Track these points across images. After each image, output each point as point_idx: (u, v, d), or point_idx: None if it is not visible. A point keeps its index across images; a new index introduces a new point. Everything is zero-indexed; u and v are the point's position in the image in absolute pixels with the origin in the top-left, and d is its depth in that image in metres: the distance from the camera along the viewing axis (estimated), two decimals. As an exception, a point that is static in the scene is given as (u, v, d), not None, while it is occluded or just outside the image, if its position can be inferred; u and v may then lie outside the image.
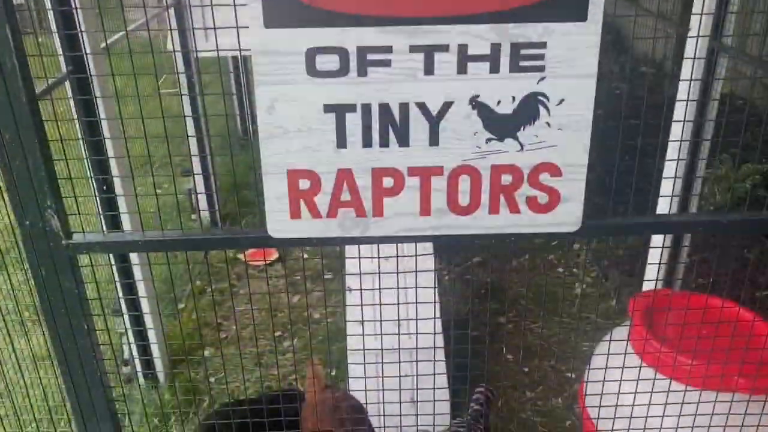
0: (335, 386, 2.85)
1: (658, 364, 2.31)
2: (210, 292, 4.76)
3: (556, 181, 1.39)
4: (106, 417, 1.61)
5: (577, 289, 4.63)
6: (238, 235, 1.43)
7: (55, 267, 1.43)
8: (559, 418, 3.56)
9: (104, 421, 1.62)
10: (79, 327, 1.50)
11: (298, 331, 4.32)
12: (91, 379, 1.56)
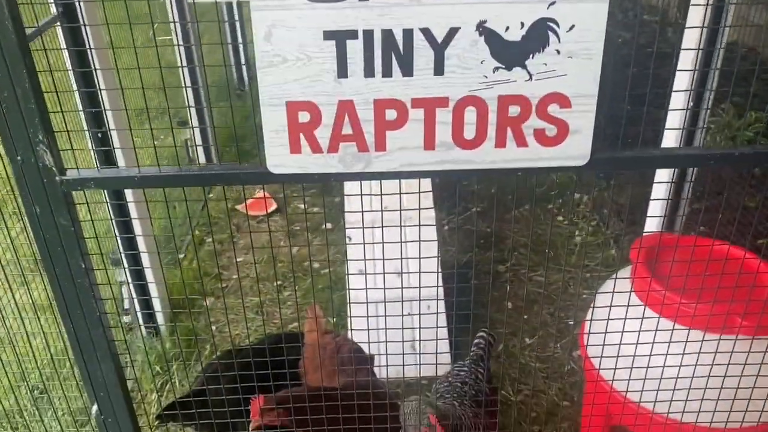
0: (336, 331, 2.85)
1: (660, 307, 2.30)
2: (210, 242, 4.74)
3: (565, 113, 1.34)
4: (107, 357, 1.60)
5: (577, 238, 4.63)
6: (236, 170, 1.39)
7: (49, 204, 1.39)
8: (558, 364, 3.60)
9: (105, 362, 1.61)
10: (77, 266, 1.47)
11: (299, 280, 4.32)
12: (90, 319, 1.54)
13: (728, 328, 2.17)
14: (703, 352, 2.04)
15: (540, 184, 5.18)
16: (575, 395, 3.36)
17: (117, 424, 1.70)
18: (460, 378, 2.74)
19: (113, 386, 1.64)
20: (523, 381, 3.48)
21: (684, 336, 2.11)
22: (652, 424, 2.34)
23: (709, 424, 2.22)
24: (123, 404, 1.67)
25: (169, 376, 3.52)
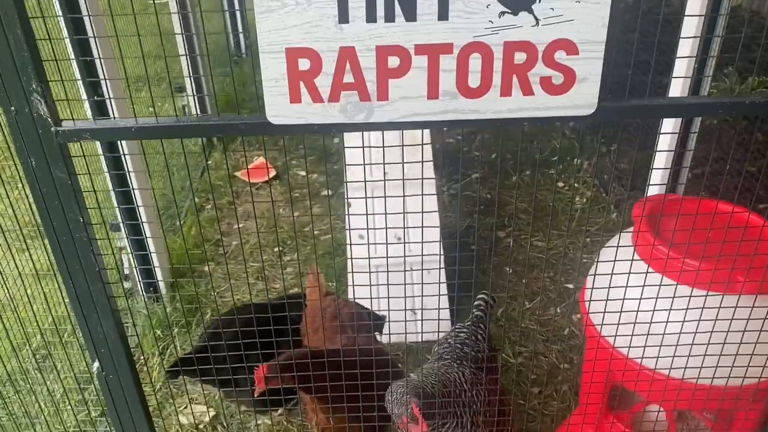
0: (337, 293, 2.85)
1: (662, 266, 2.29)
2: (209, 209, 4.72)
3: (572, 60, 1.31)
4: (107, 313, 1.59)
5: (578, 204, 4.61)
6: (235, 120, 1.36)
7: (45, 156, 1.37)
8: (557, 327, 3.61)
9: (105, 318, 1.60)
10: (75, 221, 1.45)
11: (299, 246, 4.31)
12: (89, 274, 1.52)
13: (731, 285, 2.16)
14: (707, 308, 2.03)
15: (541, 151, 5.15)
16: (575, 358, 3.38)
17: (119, 380, 1.70)
18: (459, 339, 2.74)
19: (114, 342, 1.63)
20: (523, 344, 3.50)
21: (686, 295, 2.10)
22: (653, 383, 2.34)
23: (710, 383, 2.23)
24: (124, 360, 1.67)
25: (171, 338, 3.53)
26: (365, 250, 3.46)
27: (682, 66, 3.25)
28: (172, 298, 3.78)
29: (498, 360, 2.83)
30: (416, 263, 3.56)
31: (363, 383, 2.17)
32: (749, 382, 2.23)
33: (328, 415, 2.44)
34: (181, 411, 3.16)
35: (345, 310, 2.82)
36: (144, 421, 1.81)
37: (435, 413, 2.31)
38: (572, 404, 3.13)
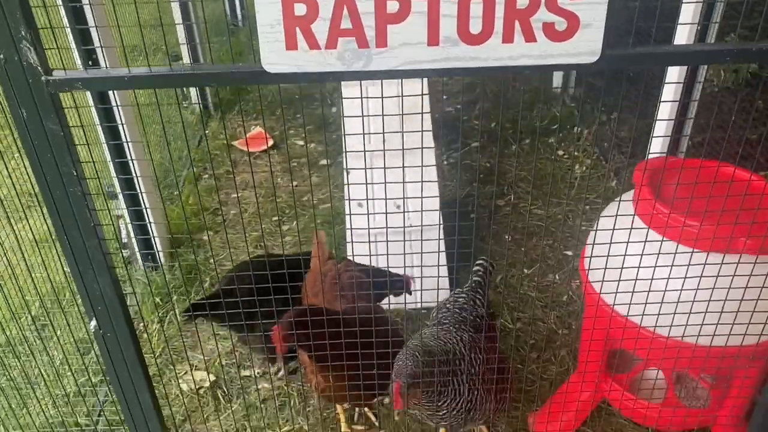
0: (338, 257, 2.83)
1: (663, 228, 2.27)
2: (206, 178, 4.69)
3: (576, 5, 1.27)
4: (103, 270, 1.57)
5: (578, 172, 4.59)
6: (230, 69, 1.32)
7: (36, 107, 1.34)
8: (556, 293, 3.61)
9: (102, 275, 1.58)
10: (69, 174, 1.42)
11: (297, 215, 4.29)
12: (84, 229, 1.50)
13: (732, 245, 2.15)
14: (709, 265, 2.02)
15: (541, 119, 5.11)
16: (573, 323, 3.38)
17: (116, 338, 1.69)
18: (458, 304, 2.73)
19: (110, 299, 1.62)
20: (522, 310, 3.50)
21: (687, 257, 2.09)
22: (652, 345, 2.34)
23: (709, 344, 2.23)
24: (122, 318, 1.66)
25: (172, 305, 3.53)
26: (364, 219, 3.44)
27: (688, 12, 3.18)
28: (171, 266, 3.77)
29: (496, 324, 2.82)
30: (415, 232, 3.54)
31: (362, 345, 2.17)
32: (748, 343, 2.23)
33: (327, 374, 2.45)
34: (182, 377, 3.17)
35: (346, 275, 2.81)
36: (143, 380, 1.81)
37: (432, 382, 2.32)
38: (571, 368, 3.14)
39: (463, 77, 5.83)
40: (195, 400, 3.04)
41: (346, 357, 2.22)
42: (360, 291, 2.77)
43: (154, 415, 1.92)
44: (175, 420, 2.93)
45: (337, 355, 2.26)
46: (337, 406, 2.89)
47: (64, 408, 2.91)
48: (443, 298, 2.83)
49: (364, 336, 2.16)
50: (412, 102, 3.75)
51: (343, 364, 2.25)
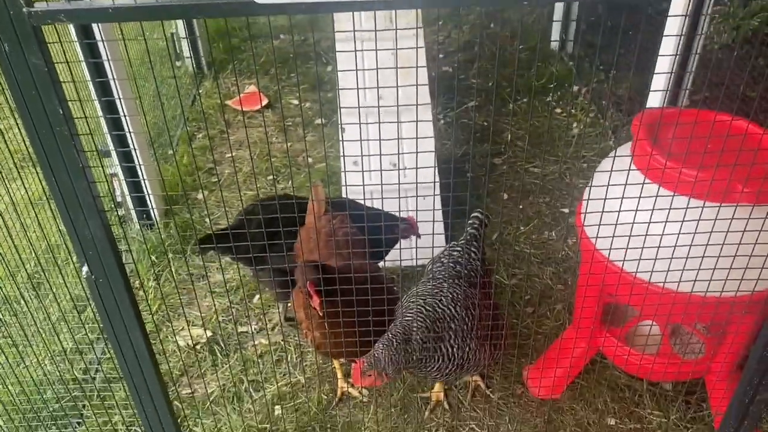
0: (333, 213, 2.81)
1: (659, 176, 2.26)
2: (200, 138, 4.65)
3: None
4: (93, 213, 1.55)
5: (575, 130, 4.55)
6: (218, 0, 1.28)
7: (19, 41, 1.30)
8: (552, 250, 3.61)
9: (92, 218, 1.56)
10: (54, 112, 1.39)
11: (293, 174, 4.26)
12: (72, 171, 1.47)
13: (729, 195, 2.13)
14: (704, 218, 2.00)
15: (539, 77, 5.06)
16: (569, 279, 3.39)
17: (108, 284, 1.68)
18: (453, 258, 2.72)
19: (102, 243, 1.60)
20: (517, 266, 3.50)
21: (683, 205, 2.07)
22: (647, 295, 2.34)
23: (704, 294, 2.22)
24: (113, 263, 1.64)
25: (168, 263, 3.53)
26: (359, 176, 3.42)
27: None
28: (166, 224, 3.76)
29: (491, 277, 2.82)
30: (411, 189, 3.52)
31: (359, 301, 2.17)
32: (742, 294, 2.23)
33: (324, 330, 2.45)
34: (178, 333, 3.18)
35: (340, 232, 2.79)
36: (138, 329, 1.80)
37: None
38: (566, 323, 3.16)
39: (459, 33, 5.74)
40: (192, 355, 3.06)
41: (343, 313, 2.23)
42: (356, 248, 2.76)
43: (151, 367, 1.92)
44: (172, 375, 2.95)
45: (335, 311, 2.27)
46: (334, 361, 2.90)
47: (62, 364, 2.92)
48: (439, 252, 2.82)
49: (361, 292, 2.17)
50: (407, 57, 3.70)
51: (339, 321, 2.25)
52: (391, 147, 3.41)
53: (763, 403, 2.04)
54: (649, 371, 2.64)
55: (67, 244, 1.73)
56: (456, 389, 2.88)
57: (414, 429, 2.72)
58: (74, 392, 2.79)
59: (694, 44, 3.66)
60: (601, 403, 2.81)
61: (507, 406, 2.80)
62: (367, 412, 2.79)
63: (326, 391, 2.89)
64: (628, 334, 2.84)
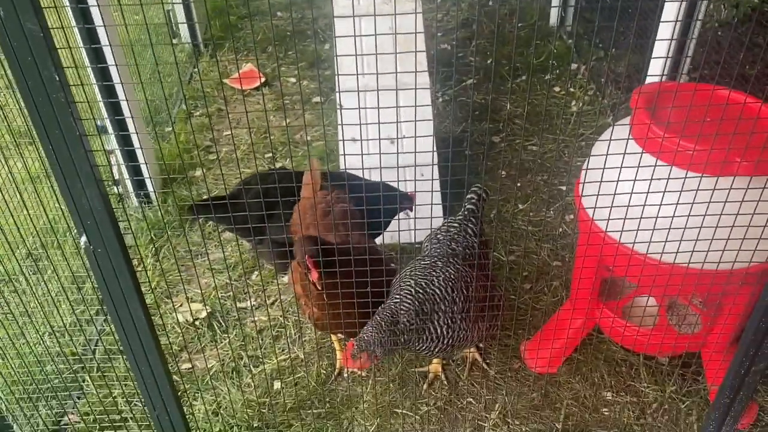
0: (330, 188, 2.81)
1: (658, 150, 2.26)
2: (198, 115, 4.63)
3: None
4: (91, 182, 1.55)
5: (573, 108, 4.54)
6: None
7: (14, 5, 1.29)
8: (550, 227, 3.61)
9: (90, 187, 1.56)
10: (50, 79, 1.39)
11: (291, 152, 4.25)
12: (69, 139, 1.47)
13: (726, 167, 2.14)
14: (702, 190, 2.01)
15: (537, 55, 5.03)
16: (566, 256, 3.40)
17: (107, 253, 1.68)
18: (449, 235, 2.72)
19: (100, 213, 1.60)
20: (515, 243, 3.51)
21: (681, 179, 2.07)
22: (644, 268, 2.35)
23: (701, 266, 2.23)
24: (111, 233, 1.64)
25: (167, 238, 3.53)
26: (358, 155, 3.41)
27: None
28: (164, 201, 3.76)
29: (489, 254, 2.82)
30: (409, 169, 3.52)
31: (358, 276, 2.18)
32: (739, 267, 2.24)
33: (322, 302, 2.46)
34: (178, 309, 3.19)
35: (337, 207, 2.79)
36: (137, 300, 1.81)
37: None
38: (563, 298, 3.18)
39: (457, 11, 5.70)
40: (191, 331, 3.07)
41: (342, 287, 2.23)
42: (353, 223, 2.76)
43: (151, 338, 1.93)
44: (172, 349, 2.96)
45: (333, 285, 2.28)
46: (332, 336, 2.92)
47: (62, 339, 2.94)
48: (436, 227, 2.82)
49: (359, 267, 2.17)
50: (405, 37, 3.68)
51: (338, 295, 2.26)
52: (390, 125, 3.40)
53: (758, 374, 2.06)
54: (646, 345, 2.66)
55: (67, 218, 1.73)
56: (454, 364, 2.90)
57: (412, 403, 2.75)
58: (74, 366, 2.80)
59: (692, 23, 3.64)
60: (598, 377, 2.83)
61: (504, 380, 2.83)
62: (365, 386, 2.81)
63: (325, 366, 2.91)
64: (625, 309, 2.86)
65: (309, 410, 2.71)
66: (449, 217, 2.82)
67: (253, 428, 2.65)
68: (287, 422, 2.66)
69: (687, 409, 2.70)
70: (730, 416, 2.17)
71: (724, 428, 2.21)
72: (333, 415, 2.70)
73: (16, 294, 2.85)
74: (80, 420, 2.63)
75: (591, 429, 2.63)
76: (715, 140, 2.05)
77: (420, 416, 2.70)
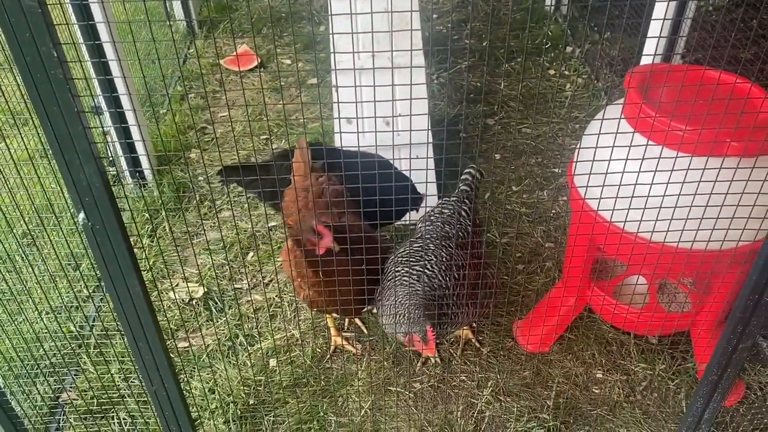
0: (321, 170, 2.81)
1: (649, 131, 2.28)
2: (192, 98, 4.63)
3: None
4: (89, 159, 1.56)
5: (568, 91, 4.55)
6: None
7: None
8: (543, 209, 3.65)
9: (88, 164, 1.56)
10: (48, 55, 1.39)
11: (287, 133, 4.26)
12: (68, 115, 1.48)
13: (717, 148, 2.16)
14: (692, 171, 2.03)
15: (533, 38, 5.04)
16: (560, 237, 3.43)
17: (105, 230, 1.69)
18: (443, 217, 2.73)
19: (98, 190, 1.61)
20: (509, 225, 3.54)
21: (672, 160, 2.10)
22: (634, 248, 2.38)
23: (690, 247, 2.26)
24: (110, 209, 1.66)
25: (165, 217, 3.54)
26: (353, 136, 3.42)
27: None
28: (159, 182, 3.77)
29: (482, 235, 2.84)
30: (404, 149, 3.53)
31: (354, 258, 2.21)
32: (728, 246, 2.28)
33: (318, 285, 2.49)
34: (174, 289, 3.21)
35: (329, 191, 2.78)
36: (135, 277, 1.82)
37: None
38: (556, 279, 3.21)
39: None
40: (188, 310, 3.10)
41: (339, 270, 2.26)
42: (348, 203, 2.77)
43: (149, 315, 1.94)
44: (170, 328, 2.99)
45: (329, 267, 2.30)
46: (327, 317, 2.95)
47: (59, 317, 2.96)
48: (430, 209, 2.83)
49: (356, 249, 2.20)
50: (400, 18, 3.68)
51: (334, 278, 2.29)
52: (385, 106, 3.41)
53: (745, 351, 2.10)
54: (636, 325, 2.71)
55: (65, 196, 1.74)
56: (447, 343, 2.94)
57: (406, 380, 2.79)
58: (72, 345, 2.83)
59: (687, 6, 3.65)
60: (589, 356, 2.88)
61: (497, 359, 2.87)
62: (360, 365, 2.85)
63: (320, 344, 2.94)
64: (616, 289, 2.91)
65: (304, 388, 2.75)
66: (444, 198, 2.84)
67: (249, 405, 2.69)
68: (283, 399, 2.70)
69: (676, 387, 2.75)
70: (717, 393, 2.21)
71: (712, 405, 2.25)
72: (328, 392, 2.74)
73: (14, 272, 2.87)
74: (78, 397, 2.67)
75: (581, 406, 2.68)
76: (705, 120, 2.08)
77: (414, 393, 2.74)
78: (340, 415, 2.66)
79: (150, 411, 2.57)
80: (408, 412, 2.66)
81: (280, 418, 2.64)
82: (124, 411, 2.64)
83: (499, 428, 2.61)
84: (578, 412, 2.66)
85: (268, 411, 2.66)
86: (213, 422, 2.60)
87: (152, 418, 2.57)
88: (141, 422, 2.59)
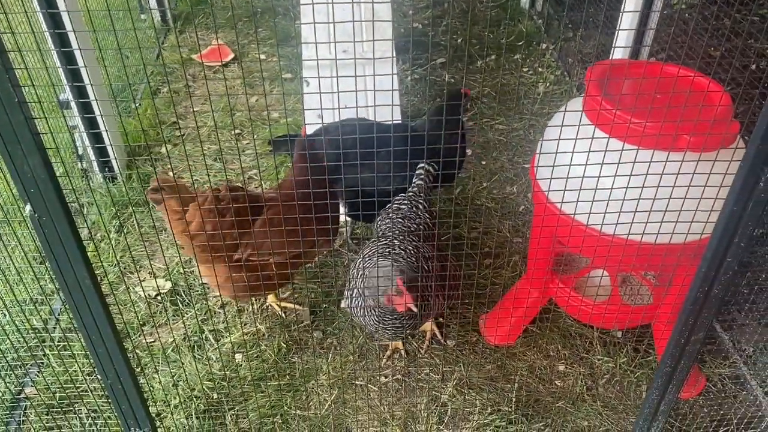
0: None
1: (609, 127, 2.29)
2: (165, 92, 4.60)
3: None
4: (33, 150, 1.53)
5: (541, 87, 4.57)
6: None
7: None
8: (512, 204, 3.66)
9: (32, 155, 1.55)
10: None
11: (257, 129, 4.24)
12: (7, 102, 1.46)
13: (677, 142, 2.18)
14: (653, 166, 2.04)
15: (508, 35, 5.05)
16: (527, 232, 3.45)
17: (52, 221, 1.68)
18: (401, 213, 2.74)
19: (43, 181, 1.60)
20: (478, 220, 3.55)
21: (632, 155, 2.10)
22: (598, 244, 2.39)
23: (654, 241, 2.28)
24: (56, 201, 1.64)
25: (132, 212, 3.51)
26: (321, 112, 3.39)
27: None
28: (129, 177, 3.74)
29: (436, 225, 2.81)
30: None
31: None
32: (692, 240, 2.29)
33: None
34: (140, 284, 3.19)
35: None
36: (82, 263, 1.79)
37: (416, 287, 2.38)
38: (522, 273, 3.23)
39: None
40: (154, 305, 3.08)
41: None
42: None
43: (99, 305, 1.92)
44: (138, 323, 2.97)
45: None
46: (269, 297, 3.06)
47: (22, 312, 2.93)
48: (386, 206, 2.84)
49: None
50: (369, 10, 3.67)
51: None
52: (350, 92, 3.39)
53: (698, 343, 2.12)
54: (599, 319, 2.72)
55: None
56: (413, 339, 2.95)
57: (371, 374, 2.79)
58: (34, 340, 2.80)
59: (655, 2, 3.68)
60: (553, 350, 2.89)
61: (462, 352, 2.88)
62: (325, 359, 2.85)
63: (285, 339, 2.94)
64: (580, 284, 2.92)
65: (269, 383, 2.75)
66: (399, 195, 2.85)
67: (212, 400, 2.68)
68: (247, 394, 2.69)
69: (637, 379, 2.77)
70: (672, 385, 2.23)
71: (667, 396, 2.27)
72: (293, 387, 2.73)
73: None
74: (38, 393, 2.64)
75: (543, 399, 2.70)
76: (666, 111, 2.09)
77: (378, 387, 2.74)
78: (303, 409, 2.65)
79: (110, 407, 2.56)
80: (372, 405, 2.66)
81: (244, 413, 2.63)
82: (86, 406, 2.62)
83: (462, 421, 2.62)
84: (540, 404, 2.67)
85: (231, 406, 2.65)
86: (174, 417, 2.59)
87: (113, 414, 2.56)
88: (103, 418, 2.57)
